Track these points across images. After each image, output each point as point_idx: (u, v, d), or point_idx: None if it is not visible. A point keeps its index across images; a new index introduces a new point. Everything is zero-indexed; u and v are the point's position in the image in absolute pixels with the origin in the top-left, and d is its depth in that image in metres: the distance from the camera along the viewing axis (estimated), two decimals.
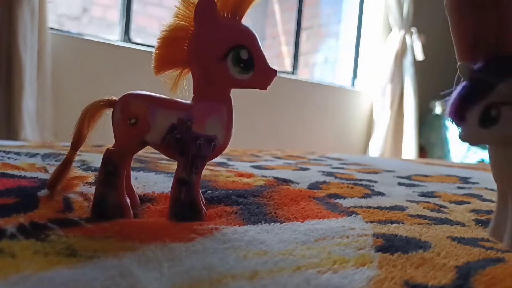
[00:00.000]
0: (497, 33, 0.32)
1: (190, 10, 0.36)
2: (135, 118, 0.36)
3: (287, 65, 2.59)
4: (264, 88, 0.37)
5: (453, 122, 0.32)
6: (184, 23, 0.36)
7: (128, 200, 0.37)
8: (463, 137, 0.31)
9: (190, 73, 0.38)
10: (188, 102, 0.37)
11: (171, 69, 0.37)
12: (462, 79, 0.32)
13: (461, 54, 0.34)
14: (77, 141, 0.38)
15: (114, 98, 0.37)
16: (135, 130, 0.36)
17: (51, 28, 1.64)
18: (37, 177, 0.50)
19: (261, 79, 0.36)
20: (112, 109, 0.37)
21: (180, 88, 0.38)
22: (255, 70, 0.36)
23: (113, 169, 0.36)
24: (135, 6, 1.91)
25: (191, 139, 0.36)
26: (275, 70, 0.36)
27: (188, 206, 0.37)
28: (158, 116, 0.36)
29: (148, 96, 0.37)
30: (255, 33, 0.37)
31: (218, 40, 0.35)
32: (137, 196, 0.42)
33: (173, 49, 0.36)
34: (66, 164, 0.40)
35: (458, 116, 0.31)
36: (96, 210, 0.36)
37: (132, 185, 0.42)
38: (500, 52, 0.32)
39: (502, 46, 0.32)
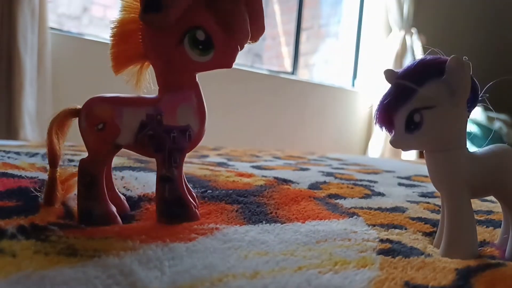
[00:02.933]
0: None
1: (137, 1, 0.34)
2: (102, 123, 0.34)
3: (287, 65, 2.59)
4: (229, 66, 0.35)
5: (383, 128, 0.32)
6: (133, 15, 0.34)
7: (114, 208, 0.36)
8: (393, 143, 0.31)
9: (151, 65, 0.36)
10: (154, 96, 0.36)
11: (130, 66, 0.36)
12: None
13: None
14: (53, 158, 0.37)
15: (78, 106, 0.36)
16: (104, 135, 0.34)
17: (51, 28, 1.64)
18: (37, 177, 0.49)
19: (223, 58, 0.34)
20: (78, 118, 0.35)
21: (145, 82, 0.36)
22: (215, 49, 0.34)
23: (91, 179, 0.35)
24: None
25: (164, 133, 0.34)
26: (237, 45, 0.34)
27: (174, 203, 0.35)
28: (125, 116, 0.34)
29: (111, 97, 0.35)
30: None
31: (171, 25, 0.33)
32: (125, 201, 0.41)
33: (128, 45, 0.35)
34: (51, 183, 0.38)
35: (386, 122, 0.31)
36: (83, 223, 0.35)
37: (126, 188, 0.40)
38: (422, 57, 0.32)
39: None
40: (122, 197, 0.41)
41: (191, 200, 0.36)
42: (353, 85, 2.62)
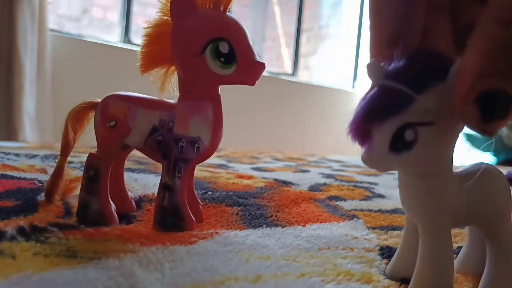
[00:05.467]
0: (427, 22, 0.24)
1: None
2: (114, 121, 0.34)
3: (287, 67, 2.59)
4: (252, 83, 0.34)
5: (355, 141, 0.24)
6: (168, 18, 0.34)
7: (113, 206, 0.36)
8: (368, 162, 0.23)
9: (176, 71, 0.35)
10: (173, 101, 0.35)
11: (157, 68, 0.35)
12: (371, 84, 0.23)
13: (374, 48, 0.24)
14: (65, 148, 0.38)
15: (98, 100, 0.36)
16: (114, 133, 0.34)
17: (51, 29, 1.64)
18: (37, 178, 0.49)
19: (246, 74, 0.33)
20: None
21: (170, 87, 0.36)
22: (238, 64, 0.33)
23: (95, 174, 0.35)
24: (135, 7, 1.91)
25: (173, 141, 0.34)
26: (262, 63, 0.33)
27: (171, 212, 0.34)
28: (139, 117, 0.34)
29: (128, 97, 0.35)
30: (240, 24, 0.33)
31: (194, 33, 0.33)
32: (133, 201, 0.41)
33: (158, 46, 0.34)
34: (58, 171, 0.39)
35: (362, 133, 0.23)
36: (79, 216, 0.35)
37: (128, 190, 0.40)
38: (424, 47, 0.24)
39: (430, 41, 0.24)
40: (131, 196, 0.41)
41: (190, 212, 0.35)
42: (353, 86, 2.63)
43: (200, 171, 0.66)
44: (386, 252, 0.34)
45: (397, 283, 0.28)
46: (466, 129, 0.24)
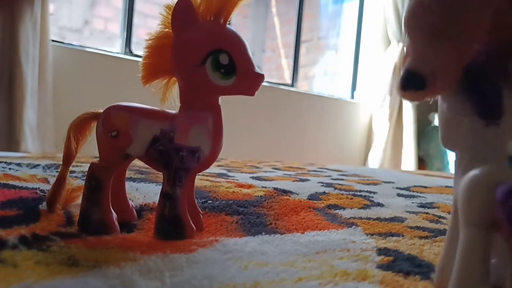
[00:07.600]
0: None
1: None
2: (116, 131, 0.35)
3: (287, 77, 2.60)
4: (251, 94, 0.34)
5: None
6: (169, 30, 0.35)
7: (114, 215, 0.36)
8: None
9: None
10: (174, 112, 0.36)
11: (159, 79, 0.36)
12: None
13: None
14: (67, 157, 0.38)
15: (100, 110, 0.37)
16: (116, 143, 0.35)
17: (53, 41, 1.65)
18: (38, 188, 0.50)
19: (246, 85, 0.34)
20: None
21: (171, 97, 0.37)
22: (238, 75, 0.33)
23: (96, 183, 0.35)
24: (136, 19, 1.93)
25: (174, 151, 0.34)
26: (261, 75, 0.34)
27: (171, 221, 0.35)
28: (140, 127, 0.35)
29: (130, 107, 0.36)
30: (239, 37, 0.34)
31: (195, 45, 0.34)
32: (134, 210, 0.41)
33: (160, 58, 0.35)
34: (60, 180, 0.39)
35: None
36: (81, 226, 0.36)
37: (129, 199, 0.41)
38: None
39: None
40: (132, 205, 0.41)
41: (191, 221, 0.36)
42: (352, 96, 2.64)
43: (200, 180, 0.67)
44: (383, 251, 0.34)
45: (392, 273, 0.28)
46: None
